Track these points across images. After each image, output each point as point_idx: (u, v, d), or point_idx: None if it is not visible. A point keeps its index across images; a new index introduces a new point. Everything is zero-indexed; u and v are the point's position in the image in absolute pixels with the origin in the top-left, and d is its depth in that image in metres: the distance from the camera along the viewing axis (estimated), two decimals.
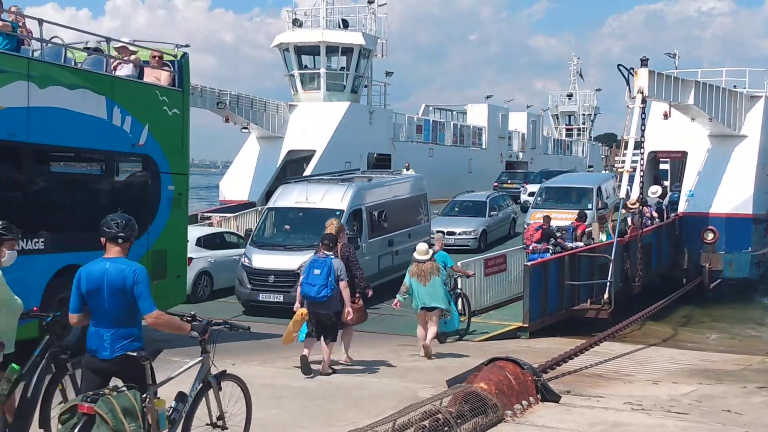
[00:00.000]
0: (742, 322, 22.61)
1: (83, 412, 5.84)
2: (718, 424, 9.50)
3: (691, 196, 26.16)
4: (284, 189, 20.90)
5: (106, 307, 6.30)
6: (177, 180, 14.72)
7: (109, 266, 6.30)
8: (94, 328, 6.37)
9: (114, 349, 6.27)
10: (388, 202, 21.20)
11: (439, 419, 8.13)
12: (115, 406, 5.81)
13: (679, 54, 32.52)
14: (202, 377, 6.86)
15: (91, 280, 6.33)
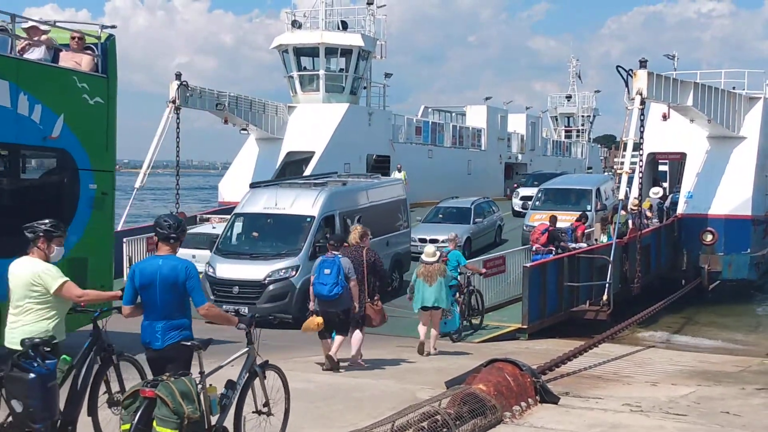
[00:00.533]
0: (741, 324, 22.62)
1: (145, 396, 6.39)
2: (717, 426, 9.50)
3: (690, 198, 26.18)
4: (253, 194, 19.89)
5: (158, 300, 6.90)
6: (100, 178, 12.90)
7: (162, 263, 6.94)
8: (146, 321, 6.98)
9: (165, 339, 6.91)
10: (364, 208, 20.11)
11: (437, 421, 8.13)
12: (174, 390, 6.34)
13: (678, 55, 32.59)
14: (248, 367, 7.37)
15: (144, 276, 6.95)
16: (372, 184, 22.24)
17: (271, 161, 33.33)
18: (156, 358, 6.98)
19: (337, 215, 18.77)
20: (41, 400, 6.63)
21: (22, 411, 6.63)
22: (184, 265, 6.96)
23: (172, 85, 27.53)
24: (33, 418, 6.64)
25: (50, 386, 6.73)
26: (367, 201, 20.63)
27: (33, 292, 7.19)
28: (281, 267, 17.16)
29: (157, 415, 6.33)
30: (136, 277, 7.01)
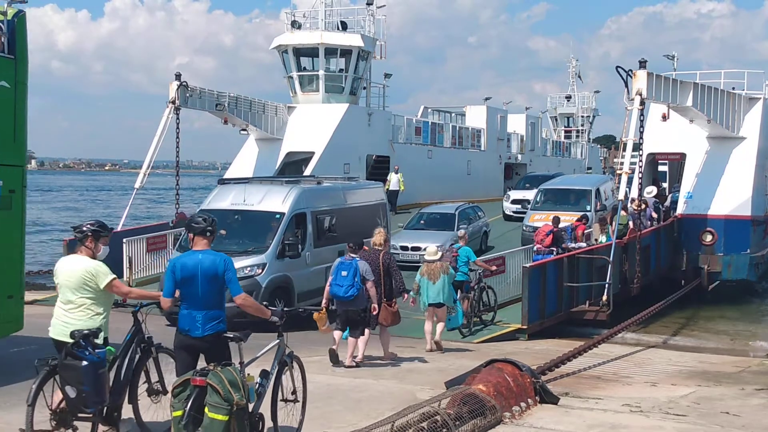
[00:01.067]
0: (740, 324, 22.62)
1: (195, 385, 6.85)
2: (717, 426, 9.51)
3: (689, 198, 26.18)
4: (221, 189, 19.12)
5: (200, 292, 7.45)
6: (6, 174, 11.50)
7: (201, 257, 7.52)
8: (186, 311, 7.49)
9: (205, 328, 7.44)
10: (339, 209, 19.31)
11: (437, 421, 8.14)
12: (223, 378, 6.84)
13: (677, 56, 32.57)
14: (279, 357, 7.92)
15: (186, 269, 7.49)
16: (349, 186, 21.55)
17: (270, 161, 33.33)
18: (193, 345, 7.48)
19: (309, 214, 18.10)
20: (93, 386, 7.21)
21: (75, 396, 7.19)
22: (222, 258, 7.58)
23: (172, 86, 27.51)
24: (85, 403, 7.21)
25: (101, 373, 7.32)
26: (344, 202, 19.89)
27: (84, 288, 7.74)
28: (246, 265, 16.32)
29: (209, 402, 6.80)
30: (177, 271, 7.52)
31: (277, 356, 7.94)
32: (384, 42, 38.22)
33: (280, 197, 18.05)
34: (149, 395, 8.33)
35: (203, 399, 6.83)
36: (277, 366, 7.89)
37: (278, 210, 17.72)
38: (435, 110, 50.93)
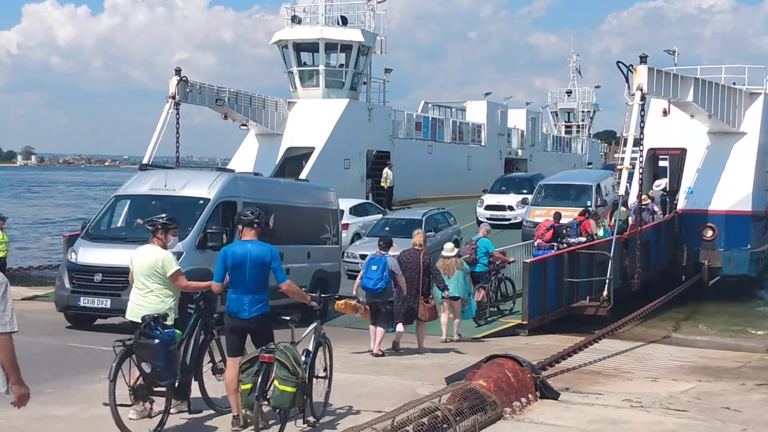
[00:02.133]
0: (741, 319, 22.62)
1: (263, 361, 7.68)
2: (717, 421, 9.50)
3: (690, 194, 26.16)
4: (140, 175, 17.40)
5: (248, 278, 8.23)
6: None
7: (250, 246, 8.32)
8: (234, 295, 8.29)
9: (251, 310, 8.23)
10: (280, 206, 17.40)
11: (438, 416, 8.13)
12: (289, 355, 7.70)
13: (678, 51, 32.52)
14: (317, 337, 8.71)
15: (236, 257, 8.31)
16: (294, 184, 20.17)
17: (271, 157, 33.31)
18: (240, 327, 8.31)
19: (240, 204, 16.00)
20: (165, 361, 7.96)
21: (150, 371, 7.95)
22: (269, 248, 8.37)
23: (172, 81, 27.49)
24: (160, 377, 7.98)
25: (172, 349, 8.09)
26: (285, 200, 18.14)
27: (154, 275, 8.60)
28: None
29: (278, 375, 7.63)
30: (227, 258, 8.35)
31: (315, 337, 8.70)
32: (384, 37, 38.21)
33: (206, 182, 16.40)
34: (214, 374, 9.05)
35: (270, 374, 7.68)
36: (315, 345, 8.64)
37: (202, 196, 16.01)
38: (435, 105, 50.89)
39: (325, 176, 32.30)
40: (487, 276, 17.73)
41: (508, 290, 18.57)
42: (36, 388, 9.86)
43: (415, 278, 13.50)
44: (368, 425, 7.46)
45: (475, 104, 50.31)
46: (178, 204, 15.70)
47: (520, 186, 31.99)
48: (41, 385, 10.20)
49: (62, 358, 12.29)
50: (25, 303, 19.57)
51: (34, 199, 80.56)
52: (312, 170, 32.08)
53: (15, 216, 50.45)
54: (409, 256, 13.72)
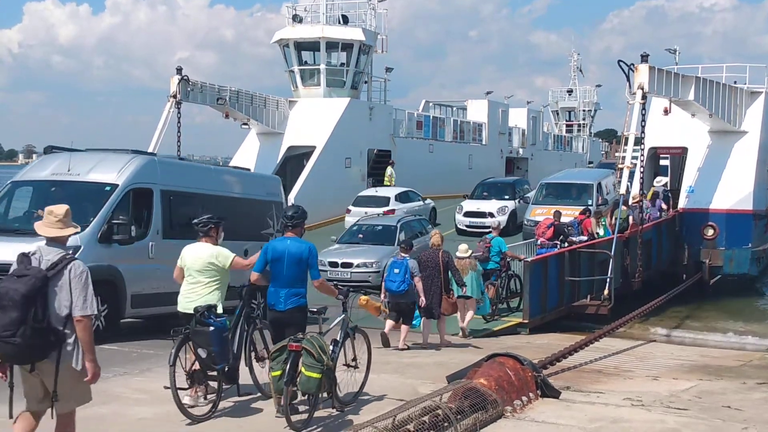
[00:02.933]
0: (742, 318, 22.61)
1: (291, 350, 8.25)
2: (718, 420, 9.50)
3: (691, 192, 26.15)
4: (43, 159, 15.51)
5: (285, 272, 8.83)
6: None
7: (289, 243, 8.94)
8: (273, 288, 8.94)
9: (287, 303, 8.87)
10: (208, 196, 15.55)
11: (438, 415, 8.13)
12: (315, 344, 8.26)
13: (679, 50, 32.59)
14: (344, 329, 9.33)
15: (276, 252, 8.91)
16: (228, 171, 18.09)
17: (272, 156, 33.33)
18: (278, 318, 8.96)
19: (158, 192, 14.56)
20: (219, 347, 8.62)
21: (206, 356, 8.62)
22: (308, 246, 8.95)
23: (173, 80, 27.51)
24: (214, 361, 8.64)
25: (225, 336, 8.76)
26: (215, 189, 16.18)
27: (209, 269, 9.20)
28: None
29: (305, 363, 8.18)
30: (268, 252, 8.98)
31: (342, 328, 9.36)
32: (385, 36, 38.23)
33: (116, 166, 14.46)
34: (257, 361, 9.71)
35: (298, 361, 8.22)
36: (342, 336, 9.26)
37: (109, 181, 14.13)
38: (436, 104, 50.90)
39: (326, 175, 32.44)
40: (497, 273, 18.08)
41: (517, 287, 18.76)
42: None
43: (436, 276, 14.28)
44: (369, 423, 7.46)
45: (476, 103, 50.31)
46: (82, 191, 14.04)
47: (502, 191, 30.34)
48: None
49: None
50: None
51: None
52: (313, 169, 32.11)
53: None
54: (428, 255, 14.53)
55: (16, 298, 5.96)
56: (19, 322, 5.92)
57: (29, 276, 6.05)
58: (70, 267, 6.18)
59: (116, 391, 9.97)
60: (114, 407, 9.28)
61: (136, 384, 10.38)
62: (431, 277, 14.19)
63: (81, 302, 6.12)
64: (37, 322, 5.96)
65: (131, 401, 9.53)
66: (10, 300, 5.98)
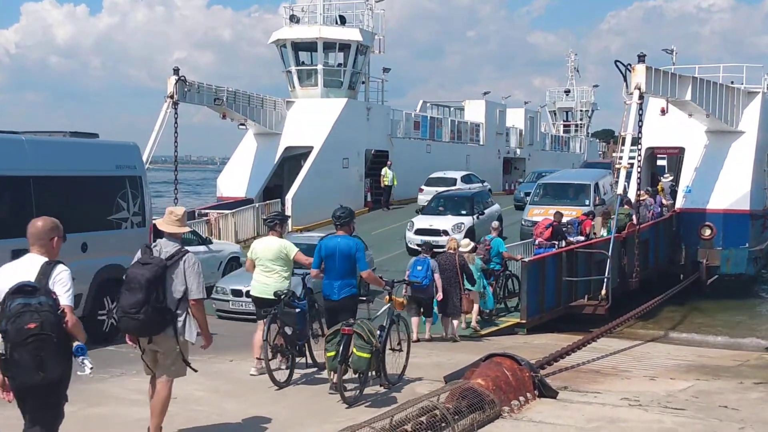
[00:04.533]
0: (739, 318, 22.63)
1: (344, 333, 9.37)
2: (715, 420, 9.51)
3: (688, 192, 26.18)
4: None
5: (337, 266, 10.06)
6: None
7: (339, 240, 10.16)
8: (327, 281, 10.17)
9: (340, 293, 10.10)
10: (18, 179, 11.84)
11: (436, 415, 8.13)
12: (364, 328, 9.42)
13: (677, 50, 32.71)
14: (391, 316, 10.47)
15: (328, 249, 10.13)
16: (52, 142, 13.14)
17: (269, 156, 33.31)
18: (333, 307, 10.18)
19: None
20: (303, 326, 10.44)
21: (292, 333, 10.29)
22: (355, 242, 10.18)
23: (170, 80, 27.45)
24: (298, 337, 10.41)
25: (306, 317, 10.51)
26: (29, 167, 12.08)
27: (279, 259, 10.74)
28: None
29: (356, 344, 9.33)
30: (322, 249, 10.18)
31: (388, 315, 10.46)
32: (382, 36, 38.21)
33: None
34: (312, 338, 11.14)
35: (350, 343, 9.34)
36: (388, 322, 10.31)
37: None
38: (434, 105, 50.91)
39: (324, 176, 32.44)
40: (495, 274, 18.27)
41: (515, 287, 18.85)
42: None
43: (454, 277, 15.37)
44: (367, 424, 7.47)
45: (474, 103, 50.33)
46: None
47: (460, 206, 26.88)
48: None
49: None
50: None
51: None
52: (310, 170, 32.11)
53: None
54: (446, 258, 15.60)
55: (142, 282, 7.14)
56: (143, 302, 7.12)
57: (152, 264, 7.24)
58: (185, 258, 7.40)
59: (114, 392, 9.98)
60: (111, 408, 9.29)
61: (133, 385, 10.36)
62: (450, 279, 15.35)
63: (195, 287, 7.38)
64: (157, 303, 7.18)
65: (128, 402, 9.52)
66: (137, 283, 7.16)
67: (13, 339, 5.55)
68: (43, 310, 5.62)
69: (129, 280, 7.27)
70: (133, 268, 7.34)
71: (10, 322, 5.56)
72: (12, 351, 5.57)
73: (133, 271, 7.29)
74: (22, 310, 5.57)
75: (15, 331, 5.53)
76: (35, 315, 5.58)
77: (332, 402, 9.57)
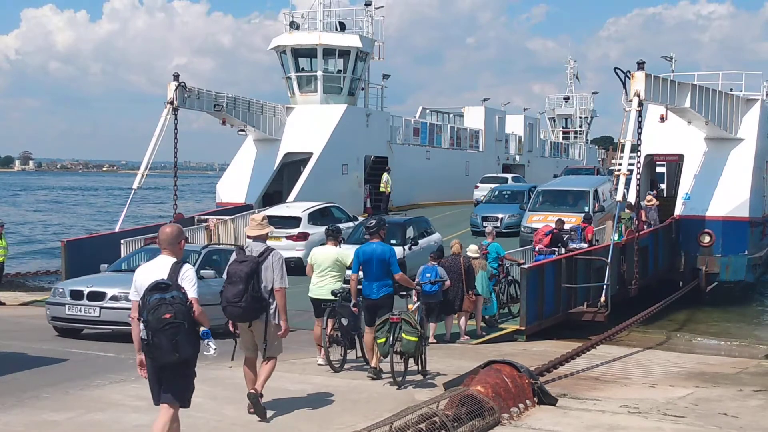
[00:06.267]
0: (738, 325, 22.62)
1: (393, 321, 10.99)
2: (715, 427, 9.50)
3: (687, 200, 26.17)
4: None
5: (374, 269, 11.50)
6: None
7: (375, 246, 11.60)
8: (366, 282, 11.62)
9: (378, 292, 11.54)
10: None
11: (435, 422, 8.13)
12: (411, 317, 11.15)
13: (676, 57, 32.68)
14: (421, 313, 12.10)
15: (366, 254, 11.57)
16: None
17: (269, 162, 33.29)
18: (372, 305, 11.56)
19: None
20: (357, 319, 11.86)
21: (347, 324, 11.79)
22: (389, 248, 11.68)
23: (170, 87, 27.44)
24: (353, 328, 11.92)
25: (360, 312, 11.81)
26: None
27: (335, 265, 12.17)
28: None
29: (405, 330, 10.90)
30: (360, 255, 11.59)
31: (419, 312, 12.07)
32: (382, 43, 38.21)
33: None
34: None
35: (398, 330, 10.96)
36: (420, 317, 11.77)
37: None
38: (433, 111, 50.93)
39: (323, 182, 32.42)
40: (497, 278, 18.35)
41: (517, 292, 18.84)
42: (33, 393, 10.07)
43: (458, 279, 15.82)
44: (366, 431, 7.46)
45: (473, 110, 50.35)
46: None
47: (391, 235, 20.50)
48: (38, 390, 10.21)
49: (59, 363, 12.27)
50: (22, 309, 19.54)
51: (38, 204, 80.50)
52: (310, 176, 32.10)
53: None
54: (451, 261, 16.06)
55: (241, 275, 8.82)
56: (243, 292, 8.77)
57: (248, 261, 8.93)
58: (272, 255, 9.06)
59: (113, 398, 9.96)
60: (111, 414, 9.28)
61: (132, 391, 10.36)
62: (454, 281, 15.75)
63: (279, 278, 8.97)
64: (254, 292, 8.80)
65: (128, 408, 9.51)
66: (237, 277, 8.85)
67: (153, 327, 6.69)
68: (176, 303, 6.76)
69: (230, 275, 8.96)
70: (232, 265, 9.00)
71: (150, 313, 6.72)
72: (153, 336, 6.70)
73: (233, 268, 8.97)
74: (159, 303, 6.73)
75: (155, 320, 6.69)
76: (170, 307, 6.73)
77: (329, 406, 9.51)
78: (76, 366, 12.05)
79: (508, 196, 33.36)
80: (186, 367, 6.99)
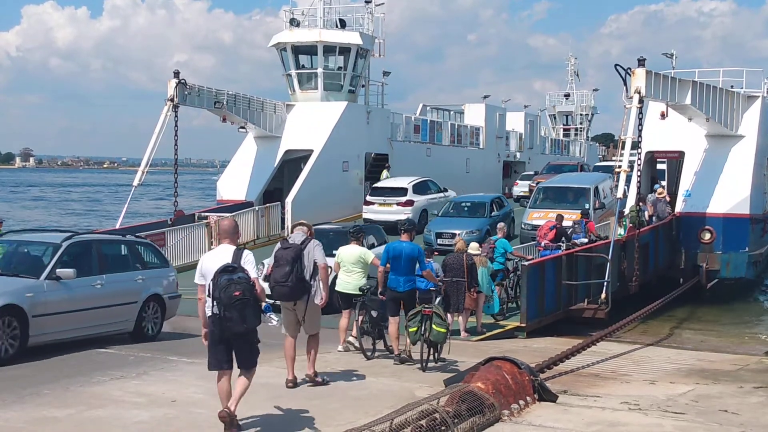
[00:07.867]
0: (739, 322, 22.62)
1: (425, 314, 12.04)
2: (715, 424, 9.51)
3: (688, 196, 26.18)
4: None
5: (402, 264, 12.49)
6: None
7: (404, 244, 12.59)
8: (393, 276, 12.57)
9: (404, 286, 12.58)
10: None
11: (436, 419, 8.13)
12: (440, 310, 12.30)
13: (677, 54, 32.71)
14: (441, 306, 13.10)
15: (395, 250, 12.55)
16: None
17: (269, 159, 33.29)
18: (398, 297, 12.63)
19: None
20: (385, 311, 12.81)
21: (376, 316, 12.91)
22: (417, 246, 12.74)
23: (171, 84, 27.44)
24: (381, 320, 12.92)
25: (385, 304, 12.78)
26: None
27: (359, 263, 13.30)
28: None
29: (435, 321, 11.97)
30: (390, 251, 12.61)
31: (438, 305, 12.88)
32: (383, 40, 38.18)
33: None
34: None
35: (429, 321, 11.97)
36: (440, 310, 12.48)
37: None
38: (434, 108, 50.87)
39: (324, 179, 32.42)
40: (504, 273, 18.48)
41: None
42: (33, 390, 10.07)
43: (461, 276, 15.91)
44: (366, 427, 7.46)
45: (474, 107, 50.29)
46: None
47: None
48: (39, 387, 10.21)
49: (60, 360, 12.28)
50: None
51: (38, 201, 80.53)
52: (310, 173, 32.08)
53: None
54: (454, 258, 16.17)
55: (288, 259, 10.26)
56: (289, 273, 10.19)
57: (292, 247, 10.40)
58: (311, 242, 10.65)
59: (114, 395, 9.97)
60: (111, 410, 9.28)
61: (133, 387, 10.37)
62: (457, 278, 15.87)
63: (320, 257, 10.55)
64: (298, 274, 10.23)
65: (129, 405, 9.52)
66: (284, 260, 10.29)
67: (225, 303, 7.95)
68: (242, 282, 8.03)
69: (277, 259, 10.41)
70: (279, 251, 10.48)
71: (222, 291, 7.97)
72: (225, 311, 7.96)
73: (279, 252, 10.44)
74: (228, 283, 7.98)
75: (227, 297, 7.94)
76: (238, 286, 7.98)
77: (330, 403, 9.47)
78: (77, 362, 12.05)
79: (467, 208, 28.56)
80: (252, 336, 8.19)
